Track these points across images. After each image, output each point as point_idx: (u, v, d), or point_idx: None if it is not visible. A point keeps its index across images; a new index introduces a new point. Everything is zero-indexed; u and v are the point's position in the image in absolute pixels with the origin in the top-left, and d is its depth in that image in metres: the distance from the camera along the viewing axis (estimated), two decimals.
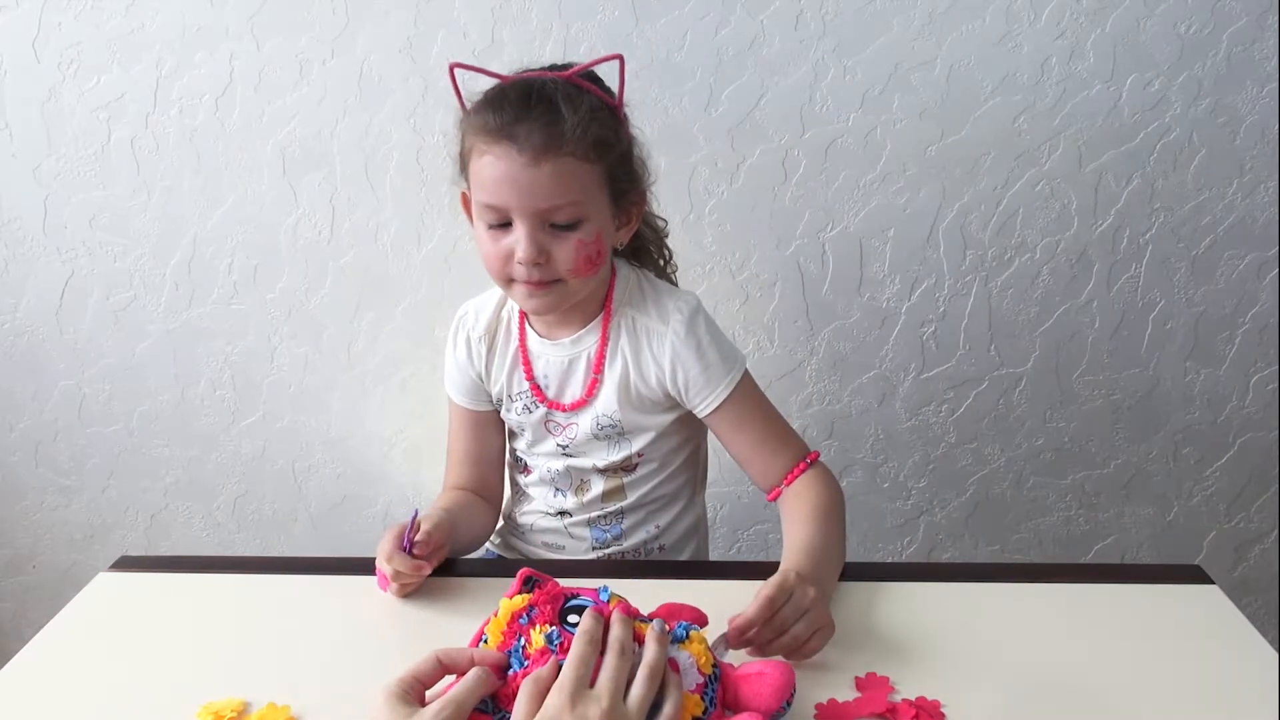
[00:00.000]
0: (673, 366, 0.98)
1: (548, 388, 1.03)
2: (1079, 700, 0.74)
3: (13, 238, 1.50)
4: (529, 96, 0.88)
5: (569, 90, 0.88)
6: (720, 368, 0.98)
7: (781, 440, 1.00)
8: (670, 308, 0.99)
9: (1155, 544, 1.67)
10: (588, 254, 0.91)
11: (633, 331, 1.00)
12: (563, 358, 1.02)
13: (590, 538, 1.10)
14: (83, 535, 1.74)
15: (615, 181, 0.93)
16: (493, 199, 0.89)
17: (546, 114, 0.87)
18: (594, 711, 0.59)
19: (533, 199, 0.87)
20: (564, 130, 0.86)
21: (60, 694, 0.78)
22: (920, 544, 1.69)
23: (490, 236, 0.92)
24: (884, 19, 1.33)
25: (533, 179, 0.86)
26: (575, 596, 0.70)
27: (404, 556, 0.88)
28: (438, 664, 0.66)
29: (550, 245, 0.90)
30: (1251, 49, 1.32)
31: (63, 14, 1.36)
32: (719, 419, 1.00)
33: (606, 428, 1.02)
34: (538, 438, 1.07)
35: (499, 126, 0.87)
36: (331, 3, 1.35)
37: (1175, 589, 0.90)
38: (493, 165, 0.88)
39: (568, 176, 0.87)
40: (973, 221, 1.44)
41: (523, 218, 0.88)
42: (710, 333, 0.99)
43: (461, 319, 1.09)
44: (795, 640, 0.77)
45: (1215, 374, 1.53)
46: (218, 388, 1.61)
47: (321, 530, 1.71)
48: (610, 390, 1.00)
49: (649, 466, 1.06)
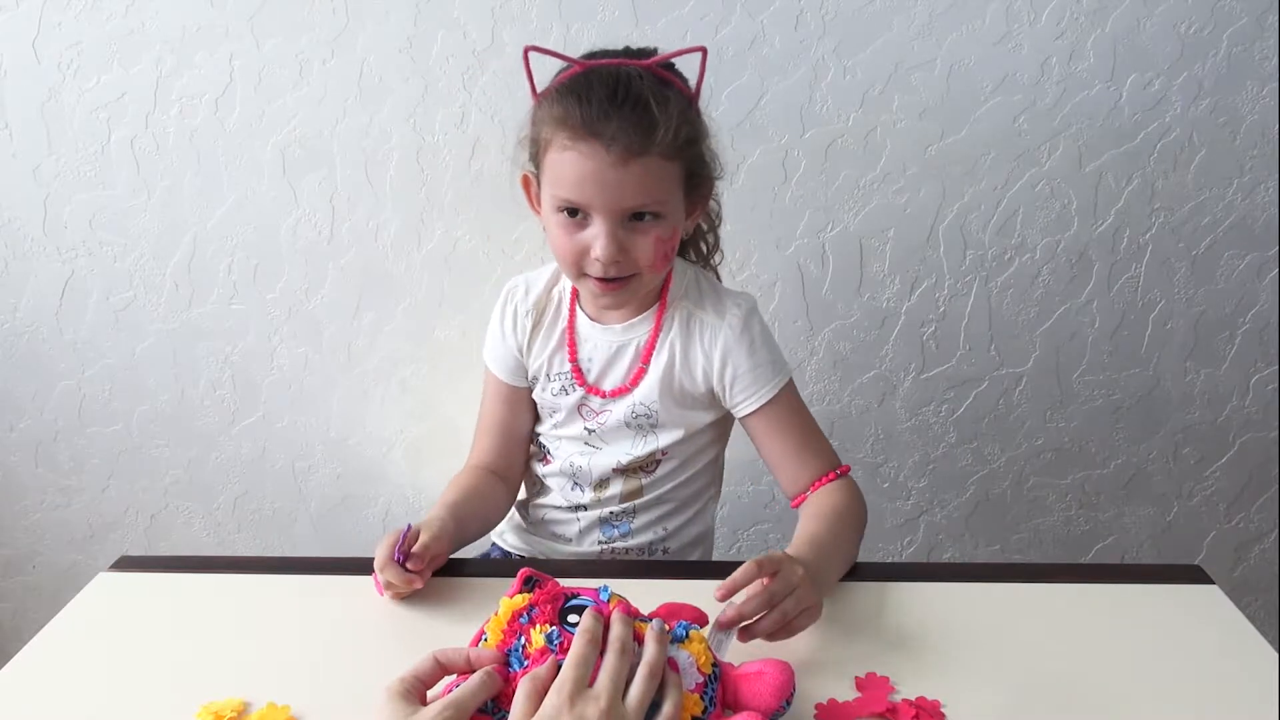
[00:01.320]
0: (723, 361, 0.98)
1: (589, 372, 1.02)
2: (1079, 700, 0.74)
3: (13, 238, 1.50)
4: (616, 91, 0.85)
5: (654, 85, 0.86)
6: (769, 369, 0.98)
7: (816, 450, 1.00)
8: (728, 304, 1.00)
9: (1155, 544, 1.67)
10: (664, 249, 0.90)
11: (686, 325, 0.99)
12: (611, 343, 1.01)
13: (599, 534, 1.09)
14: (83, 535, 1.74)
15: (691, 176, 0.92)
16: (575, 195, 0.87)
17: (636, 112, 0.84)
18: (593, 711, 0.59)
19: (619, 199, 0.86)
20: (655, 131, 0.84)
21: (60, 694, 0.78)
22: (920, 544, 1.69)
23: (565, 229, 0.90)
24: (884, 19, 1.33)
25: (619, 179, 0.85)
26: (575, 596, 0.70)
27: (396, 568, 0.86)
28: (436, 664, 0.66)
29: (628, 241, 0.88)
30: (1251, 49, 1.32)
31: (63, 14, 1.36)
32: (758, 420, 0.99)
33: (640, 416, 1.01)
34: (568, 419, 1.06)
35: (585, 122, 0.84)
36: (331, 3, 1.35)
37: (1175, 589, 0.90)
38: (577, 163, 0.85)
39: (654, 176, 0.86)
40: (973, 221, 1.44)
41: (604, 216, 0.87)
42: (764, 335, 1.00)
43: (511, 291, 1.07)
44: (784, 616, 0.76)
45: (1215, 374, 1.53)
46: (217, 388, 1.61)
47: (321, 530, 1.71)
48: (653, 379, 1.00)
49: (669, 467, 1.06)
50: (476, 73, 1.37)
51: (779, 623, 0.76)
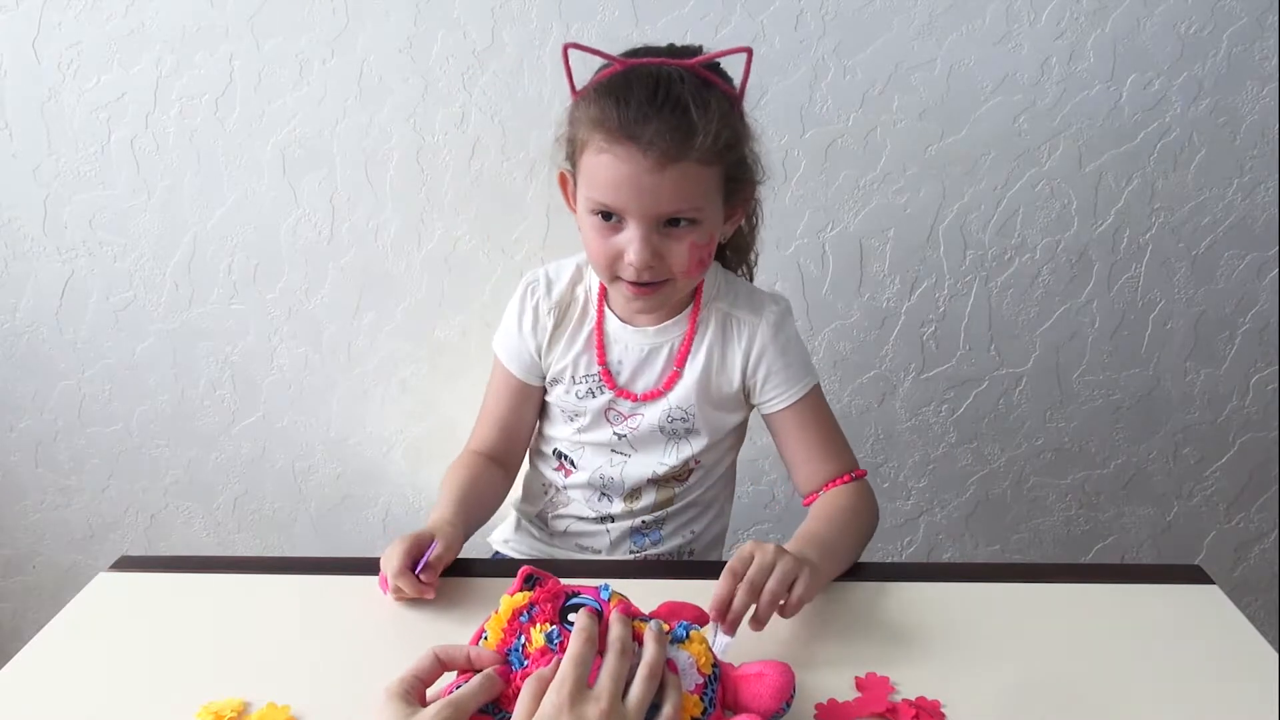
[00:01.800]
0: (758, 356, 0.98)
1: (619, 374, 1.00)
2: (1079, 700, 0.74)
3: (13, 238, 1.50)
4: (655, 93, 0.82)
5: (695, 86, 0.83)
6: (800, 368, 0.99)
7: (835, 452, 1.00)
8: (765, 302, 0.99)
9: (1155, 544, 1.67)
10: (700, 256, 0.89)
11: (722, 325, 0.99)
12: (643, 345, 0.99)
13: (630, 544, 1.08)
14: (83, 535, 1.74)
15: (730, 180, 0.90)
16: (609, 199, 0.85)
17: (674, 116, 0.81)
18: (593, 711, 0.59)
19: (654, 204, 0.84)
20: (694, 136, 0.81)
21: (60, 694, 0.78)
22: (920, 544, 1.69)
23: (599, 232, 0.88)
24: (884, 19, 1.33)
25: (655, 184, 0.82)
26: (576, 595, 0.70)
27: (410, 578, 0.85)
28: (437, 662, 0.66)
29: (663, 247, 0.86)
30: (1251, 49, 1.32)
31: (63, 14, 1.36)
32: (784, 418, 0.99)
33: (677, 421, 1.00)
34: (594, 424, 1.03)
35: (622, 124, 0.82)
36: (331, 3, 1.35)
37: (1175, 589, 0.90)
38: (612, 166, 0.83)
39: (691, 181, 0.84)
40: (973, 221, 1.44)
41: (639, 221, 0.85)
42: (797, 336, 1.00)
43: (531, 285, 1.03)
44: (774, 595, 0.76)
45: (1215, 374, 1.53)
46: (217, 388, 1.61)
47: (321, 530, 1.71)
48: (690, 383, 0.98)
49: (700, 473, 1.05)
50: (476, 73, 1.37)
51: (771, 602, 0.76)
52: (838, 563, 0.89)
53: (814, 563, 0.81)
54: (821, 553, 0.85)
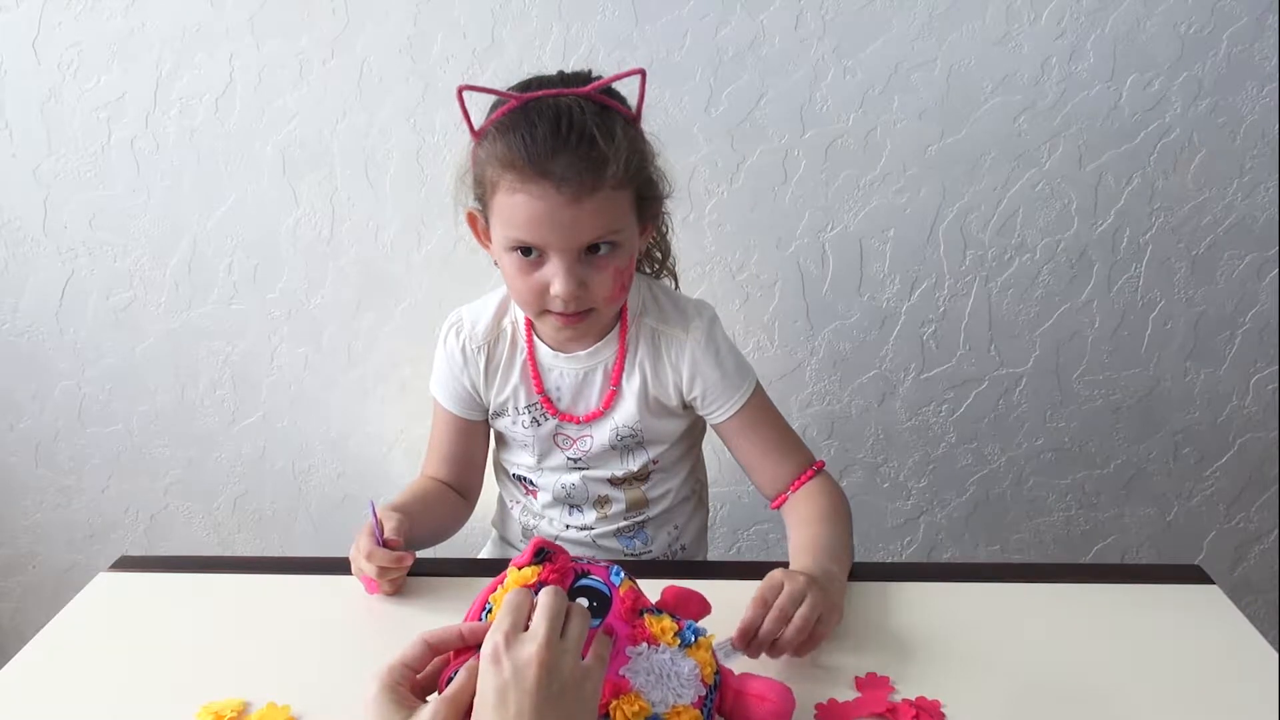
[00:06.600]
0: (691, 374, 0.98)
1: (559, 400, 1.01)
2: (1079, 700, 0.74)
3: (13, 238, 1.50)
4: (559, 126, 0.81)
5: (596, 114, 0.83)
6: (736, 376, 0.99)
7: (789, 448, 1.00)
8: (691, 314, 0.99)
9: (1155, 544, 1.67)
10: (622, 281, 0.89)
11: (651, 341, 0.99)
12: (577, 370, 1.00)
13: (620, 547, 1.09)
14: (83, 535, 1.74)
15: (641, 199, 0.90)
16: (529, 237, 0.84)
17: (583, 147, 0.81)
18: (529, 649, 0.59)
19: (575, 236, 0.84)
20: (605, 166, 0.81)
21: (60, 694, 0.78)
22: (920, 544, 1.69)
23: (520, 269, 0.87)
24: (884, 19, 1.33)
25: (573, 217, 0.82)
26: (586, 575, 0.69)
27: (383, 551, 0.87)
28: (426, 647, 0.65)
29: (587, 276, 0.87)
30: (1251, 49, 1.32)
31: (63, 14, 1.36)
32: (731, 426, 1.00)
33: (626, 438, 1.01)
34: (545, 451, 1.04)
35: (531, 162, 0.81)
36: (331, 3, 1.35)
37: (1175, 589, 0.90)
38: (528, 205, 0.82)
39: (607, 208, 0.84)
40: (973, 221, 1.44)
41: (561, 254, 0.85)
42: (727, 343, 1.00)
43: (455, 327, 1.04)
44: (805, 622, 0.76)
45: (1215, 374, 1.53)
46: (217, 388, 1.61)
47: (321, 530, 1.71)
48: (630, 400, 0.99)
49: (661, 473, 1.06)
50: (476, 73, 1.37)
51: (801, 632, 0.76)
52: (843, 572, 0.90)
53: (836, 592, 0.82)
54: (839, 566, 0.88)
